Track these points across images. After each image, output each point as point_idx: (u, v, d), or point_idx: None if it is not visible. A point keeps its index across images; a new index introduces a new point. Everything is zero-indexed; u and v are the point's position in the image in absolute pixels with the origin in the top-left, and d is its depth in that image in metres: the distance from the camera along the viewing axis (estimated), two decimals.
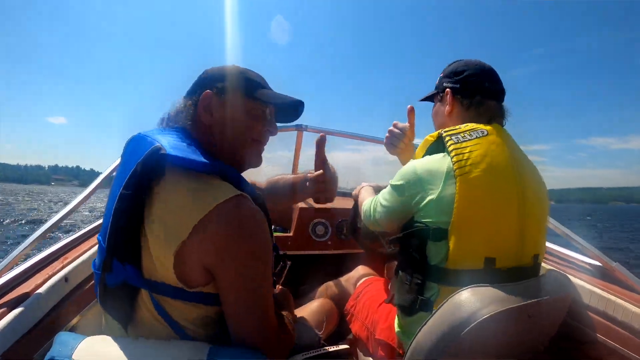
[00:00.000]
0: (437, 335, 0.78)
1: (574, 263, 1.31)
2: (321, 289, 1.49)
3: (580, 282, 1.15)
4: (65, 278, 1.00)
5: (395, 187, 0.98)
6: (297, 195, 1.11)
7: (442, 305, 0.80)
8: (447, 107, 1.06)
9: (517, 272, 0.88)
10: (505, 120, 1.04)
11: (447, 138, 0.92)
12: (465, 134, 0.93)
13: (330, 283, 1.48)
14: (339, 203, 1.71)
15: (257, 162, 0.88)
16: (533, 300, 0.80)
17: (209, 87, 0.82)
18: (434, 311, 0.81)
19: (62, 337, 0.70)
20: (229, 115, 0.81)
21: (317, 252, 1.78)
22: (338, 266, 1.68)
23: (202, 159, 0.70)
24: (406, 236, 0.95)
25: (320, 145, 1.03)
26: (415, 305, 0.91)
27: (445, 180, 0.87)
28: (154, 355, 0.66)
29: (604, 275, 1.18)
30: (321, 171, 1.01)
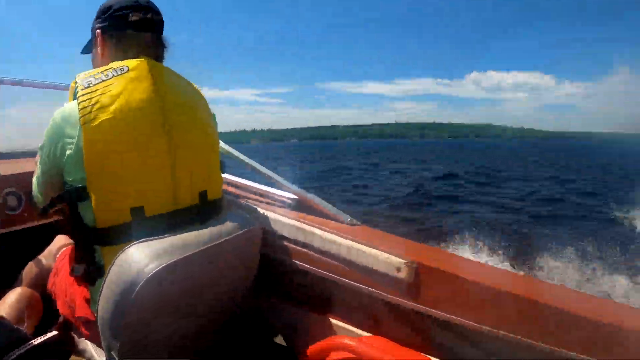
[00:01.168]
0: (112, 303, 0.72)
1: (274, 198, 1.38)
2: (25, 271, 1.27)
3: (278, 216, 1.22)
4: None
5: (41, 149, 0.86)
6: None
7: (108, 271, 0.73)
8: (99, 50, 0.95)
9: (179, 215, 0.86)
10: (165, 52, 0.98)
11: (78, 84, 0.82)
12: (101, 75, 0.83)
13: (31, 263, 1.28)
14: (31, 166, 1.40)
15: None
16: (212, 244, 0.80)
17: None
18: (103, 278, 0.74)
19: None
20: None
21: (12, 228, 1.49)
22: (39, 241, 1.43)
23: None
24: (57, 201, 0.85)
25: None
26: (89, 273, 0.85)
27: (79, 131, 0.79)
28: None
29: (302, 207, 1.29)
30: None
